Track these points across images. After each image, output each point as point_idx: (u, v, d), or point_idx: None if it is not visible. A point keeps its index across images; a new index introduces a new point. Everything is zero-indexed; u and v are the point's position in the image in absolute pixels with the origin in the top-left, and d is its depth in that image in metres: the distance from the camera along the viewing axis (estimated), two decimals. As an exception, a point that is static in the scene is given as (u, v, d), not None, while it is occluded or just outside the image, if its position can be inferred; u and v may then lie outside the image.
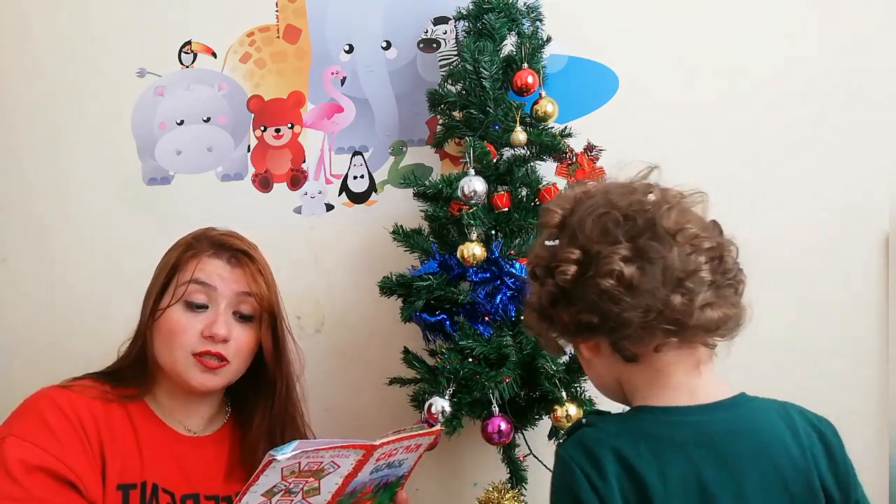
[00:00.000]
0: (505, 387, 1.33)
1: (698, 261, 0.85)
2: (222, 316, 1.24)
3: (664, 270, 0.84)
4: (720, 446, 0.85)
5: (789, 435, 0.88)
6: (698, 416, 0.87)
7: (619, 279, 0.83)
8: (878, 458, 1.52)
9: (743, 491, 0.84)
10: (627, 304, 0.83)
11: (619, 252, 0.84)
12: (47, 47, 1.77)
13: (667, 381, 0.88)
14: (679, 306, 0.83)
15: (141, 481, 1.19)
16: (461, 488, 1.60)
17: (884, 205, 1.53)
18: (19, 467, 1.09)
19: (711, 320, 0.85)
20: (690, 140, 1.58)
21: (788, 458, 0.86)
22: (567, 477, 0.86)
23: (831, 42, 1.56)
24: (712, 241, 0.87)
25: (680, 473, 0.84)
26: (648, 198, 0.88)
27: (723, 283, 0.87)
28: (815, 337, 1.55)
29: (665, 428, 0.86)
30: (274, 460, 0.96)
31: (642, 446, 0.85)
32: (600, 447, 0.85)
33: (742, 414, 0.88)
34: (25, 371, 1.73)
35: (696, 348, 0.88)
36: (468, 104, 1.45)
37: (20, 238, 1.77)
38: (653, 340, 0.86)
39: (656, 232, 0.85)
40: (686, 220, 0.86)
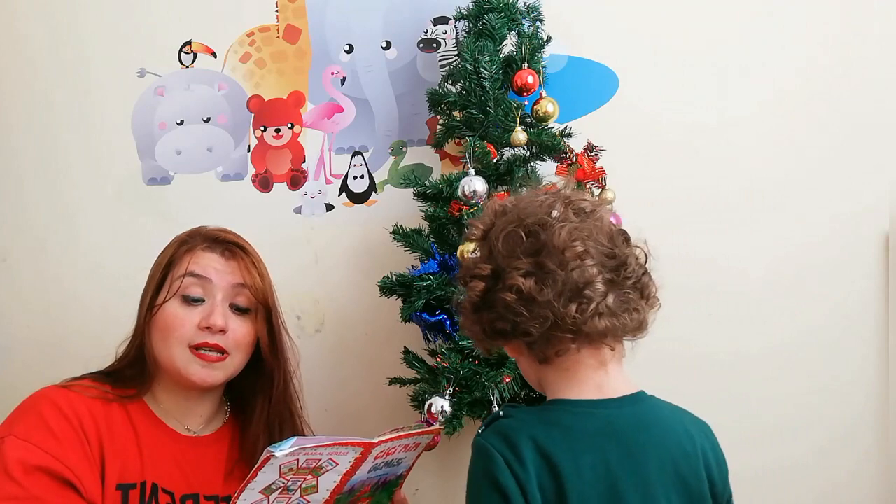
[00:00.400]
0: (505, 387, 1.33)
1: (590, 273, 0.91)
2: (219, 307, 1.24)
3: (561, 283, 0.91)
4: (626, 437, 0.93)
5: (682, 431, 0.96)
6: (606, 409, 0.94)
7: (518, 293, 0.92)
8: (880, 458, 1.53)
9: (645, 478, 0.92)
10: (526, 316, 0.92)
11: (520, 267, 0.92)
12: (47, 47, 1.77)
13: (575, 377, 0.96)
14: (574, 315, 0.91)
15: (140, 481, 1.19)
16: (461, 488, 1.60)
17: (884, 205, 1.53)
18: (19, 467, 1.09)
19: (605, 327, 0.92)
20: (690, 140, 1.58)
21: (682, 450, 0.95)
22: (486, 462, 0.92)
23: (831, 42, 1.56)
24: (610, 251, 0.93)
25: (590, 461, 0.91)
26: (551, 214, 0.95)
27: (624, 287, 0.94)
28: (816, 337, 1.55)
29: (576, 419, 0.93)
30: (272, 457, 0.96)
31: (556, 435, 0.92)
32: (518, 435, 0.92)
33: (643, 409, 0.96)
34: (25, 371, 1.73)
35: (601, 349, 0.95)
36: (468, 104, 1.45)
37: (20, 238, 1.77)
38: (555, 346, 0.93)
39: (550, 248, 0.92)
40: (574, 237, 0.92)
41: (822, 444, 1.53)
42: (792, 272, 1.55)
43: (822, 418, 1.53)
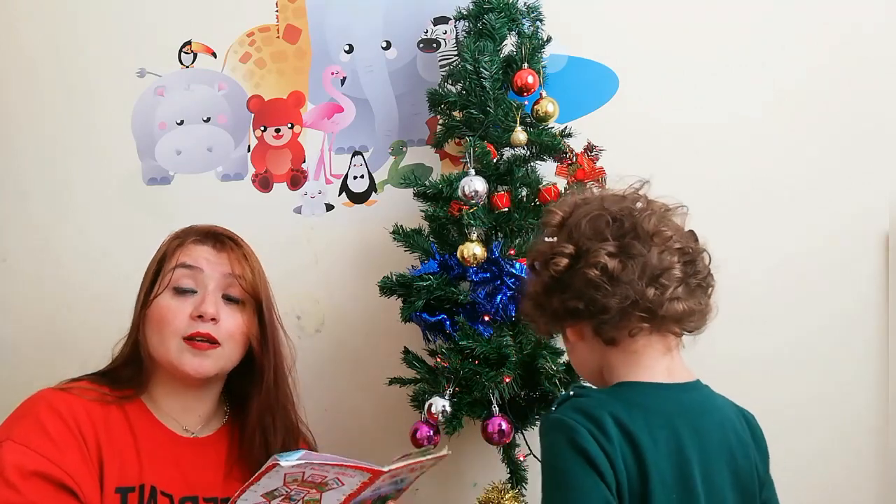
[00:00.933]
0: (505, 387, 1.33)
1: (671, 260, 0.98)
2: (210, 296, 1.24)
3: (642, 266, 0.97)
4: (693, 419, 0.98)
5: (735, 418, 1.03)
6: (677, 392, 1.00)
7: (602, 270, 0.97)
8: (880, 458, 1.52)
9: (707, 458, 0.97)
10: (608, 291, 0.97)
11: (606, 248, 0.98)
12: (47, 47, 1.77)
13: (642, 361, 1.00)
14: (652, 297, 0.96)
15: (139, 484, 1.19)
16: (461, 488, 1.60)
17: (884, 205, 1.53)
18: (16, 473, 1.09)
19: (678, 311, 0.98)
20: (690, 140, 1.58)
21: (736, 435, 1.01)
22: (570, 433, 0.93)
23: (832, 42, 1.56)
24: (686, 246, 1.00)
25: (665, 438, 0.95)
26: (636, 205, 1.02)
27: (693, 282, 1.00)
28: (816, 337, 1.55)
29: (652, 399, 0.98)
30: (277, 465, 0.97)
31: (636, 412, 0.95)
32: (599, 411, 0.95)
33: (704, 395, 1.03)
34: (25, 370, 1.73)
35: (667, 336, 1.00)
36: (468, 104, 1.44)
37: (20, 238, 1.77)
38: (628, 326, 0.98)
39: (638, 233, 0.99)
40: (663, 225, 1.00)
41: (822, 444, 1.53)
42: (792, 272, 1.55)
43: (822, 418, 1.53)
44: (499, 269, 1.38)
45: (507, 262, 1.38)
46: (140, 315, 1.26)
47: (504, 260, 1.38)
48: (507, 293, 1.38)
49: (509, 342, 1.35)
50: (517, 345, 1.36)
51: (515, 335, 1.37)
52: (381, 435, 1.63)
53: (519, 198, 1.44)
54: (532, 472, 1.45)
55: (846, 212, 1.55)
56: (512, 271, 1.38)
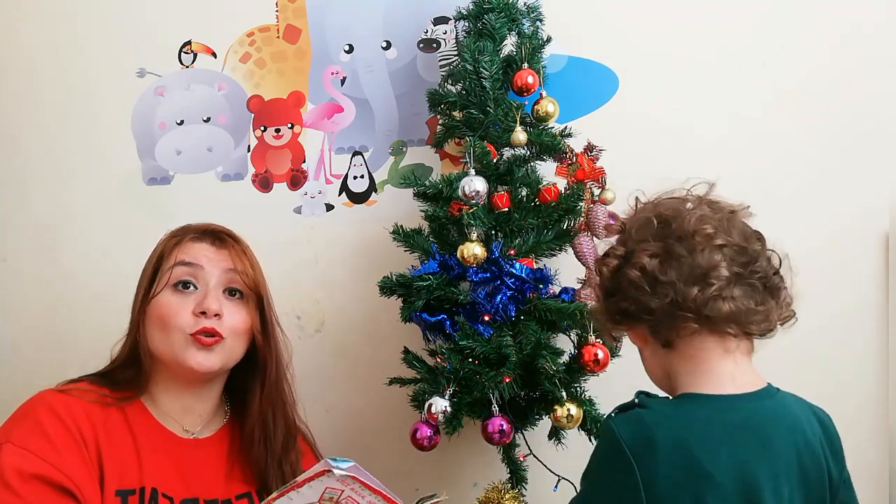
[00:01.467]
0: (505, 387, 1.33)
1: (714, 258, 0.96)
2: (212, 292, 1.24)
3: (686, 265, 0.96)
4: (762, 430, 0.95)
5: (806, 422, 1.00)
6: (744, 403, 0.97)
7: (642, 270, 0.98)
8: (879, 458, 1.53)
9: (775, 470, 0.94)
10: (647, 292, 0.97)
11: (648, 249, 0.99)
12: (47, 47, 1.77)
13: (702, 366, 0.98)
14: (694, 296, 0.95)
15: (140, 486, 1.18)
16: (461, 488, 1.60)
17: (884, 205, 1.53)
18: (16, 476, 1.09)
19: (724, 311, 0.95)
20: (690, 140, 1.58)
21: (805, 442, 0.98)
22: (615, 456, 0.93)
23: (832, 42, 1.56)
24: (736, 244, 0.98)
25: (728, 453, 0.92)
26: (686, 206, 1.02)
27: (752, 282, 0.98)
28: (816, 337, 1.54)
29: (716, 412, 0.95)
30: (329, 471, 0.98)
31: (696, 428, 0.93)
32: (656, 428, 0.93)
33: (775, 402, 1.00)
34: (25, 371, 1.73)
35: (725, 338, 0.98)
36: (468, 104, 1.44)
37: (20, 238, 1.77)
38: (676, 326, 0.97)
39: (679, 233, 0.98)
40: (705, 223, 0.98)
41: (822, 444, 1.53)
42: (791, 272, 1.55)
43: (822, 418, 1.53)
44: (499, 269, 1.38)
45: (507, 262, 1.38)
46: (139, 314, 1.25)
47: (504, 260, 1.38)
48: (507, 293, 1.38)
49: (509, 342, 1.35)
50: (517, 345, 1.35)
51: (515, 335, 1.37)
52: (382, 435, 1.64)
53: (519, 198, 1.44)
54: (532, 472, 1.45)
55: (846, 212, 1.55)
56: (512, 271, 1.38)
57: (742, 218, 1.03)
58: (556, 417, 1.33)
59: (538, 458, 1.44)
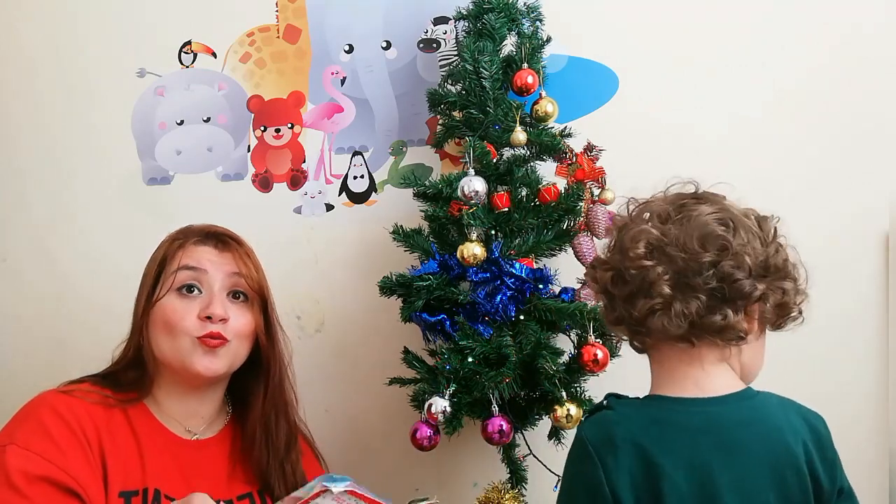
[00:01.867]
0: (505, 387, 1.33)
1: (653, 274, 0.95)
2: (217, 296, 1.24)
3: (628, 281, 0.98)
4: (726, 434, 0.94)
5: (786, 427, 0.97)
6: (707, 406, 0.96)
7: (604, 290, 1.02)
8: (879, 459, 1.53)
9: (742, 476, 0.93)
10: (608, 307, 1.02)
11: (607, 263, 1.02)
12: (47, 47, 1.77)
13: (669, 373, 0.99)
14: (637, 311, 0.97)
15: (143, 488, 1.18)
16: (461, 488, 1.60)
17: (884, 205, 1.53)
18: (22, 478, 1.08)
19: (661, 325, 0.95)
20: (690, 140, 1.58)
21: (783, 447, 0.95)
22: (582, 457, 0.96)
23: (832, 42, 1.56)
24: (686, 257, 0.95)
25: (687, 456, 0.93)
26: (644, 216, 1.01)
27: (699, 293, 0.95)
28: (815, 337, 1.54)
29: (676, 415, 0.96)
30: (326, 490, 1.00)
31: (654, 431, 0.94)
32: (616, 429, 0.95)
33: (747, 405, 0.98)
34: (26, 371, 1.73)
35: (696, 346, 0.97)
36: (468, 104, 1.45)
37: (20, 238, 1.77)
38: (637, 339, 1.01)
39: (620, 248, 1.00)
40: (639, 239, 0.97)
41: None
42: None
43: (821, 418, 1.53)
44: (499, 269, 1.38)
45: (507, 262, 1.38)
46: (142, 318, 1.25)
47: (504, 260, 1.38)
48: (506, 293, 1.38)
49: (509, 342, 1.35)
50: (517, 345, 1.36)
51: (515, 335, 1.37)
52: (382, 435, 1.64)
53: (519, 198, 1.44)
54: (532, 472, 1.45)
55: (846, 212, 1.55)
56: (512, 271, 1.38)
57: (711, 222, 0.98)
58: (555, 417, 1.33)
59: (538, 458, 1.44)
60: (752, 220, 1.02)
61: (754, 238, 0.99)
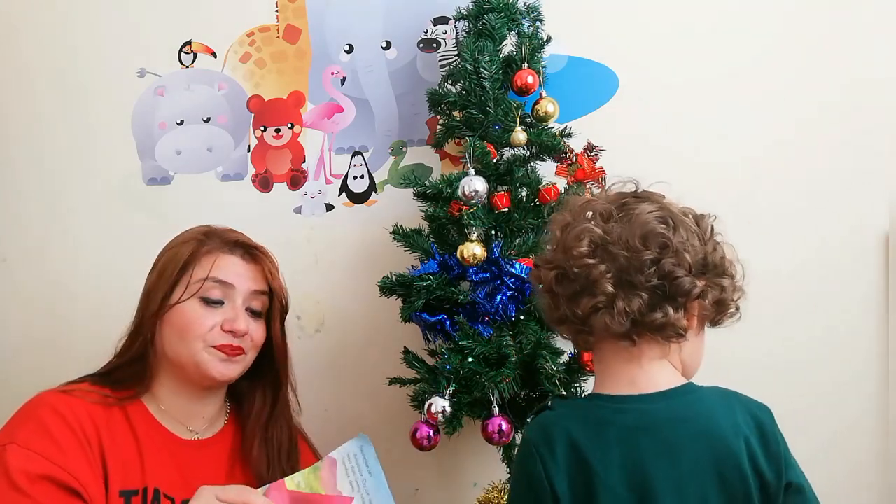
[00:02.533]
0: (505, 387, 1.33)
1: (594, 273, 0.96)
2: (242, 312, 1.26)
3: (571, 280, 0.98)
4: (661, 432, 0.95)
5: (727, 422, 0.96)
6: (640, 404, 0.97)
7: (548, 289, 1.01)
8: (879, 459, 1.52)
9: (679, 473, 0.93)
10: (550, 305, 1.02)
11: (550, 262, 1.02)
12: (47, 47, 1.77)
13: (607, 370, 1.01)
14: (578, 311, 0.97)
15: (142, 487, 1.19)
16: (461, 488, 1.60)
17: (884, 205, 1.53)
18: (23, 477, 1.09)
19: (601, 324, 0.96)
20: (690, 140, 1.58)
21: (722, 443, 0.95)
22: (525, 454, 0.99)
23: (832, 41, 1.56)
24: (627, 255, 0.95)
25: (621, 455, 0.93)
26: (586, 215, 1.01)
27: (640, 291, 0.95)
28: (815, 337, 1.55)
29: (609, 413, 0.97)
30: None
31: (589, 429, 0.96)
32: (554, 428, 0.97)
33: (684, 402, 0.98)
34: (25, 370, 1.73)
35: (636, 344, 0.98)
36: (468, 104, 1.44)
37: (20, 238, 1.77)
38: (579, 337, 1.02)
39: (563, 247, 1.00)
40: (582, 237, 0.97)
41: (821, 444, 1.52)
42: (792, 273, 1.55)
43: (821, 419, 1.53)
44: (499, 269, 1.38)
45: (507, 262, 1.38)
46: (156, 315, 1.25)
47: (504, 260, 1.38)
48: (507, 293, 1.38)
49: (509, 342, 1.35)
50: (517, 345, 1.36)
51: (515, 335, 1.37)
52: (382, 435, 1.63)
53: (519, 198, 1.44)
54: (532, 472, 1.45)
55: (846, 212, 1.55)
56: (512, 271, 1.38)
57: (652, 221, 0.97)
58: (556, 417, 1.33)
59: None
60: (690, 218, 1.01)
61: (693, 236, 0.99)
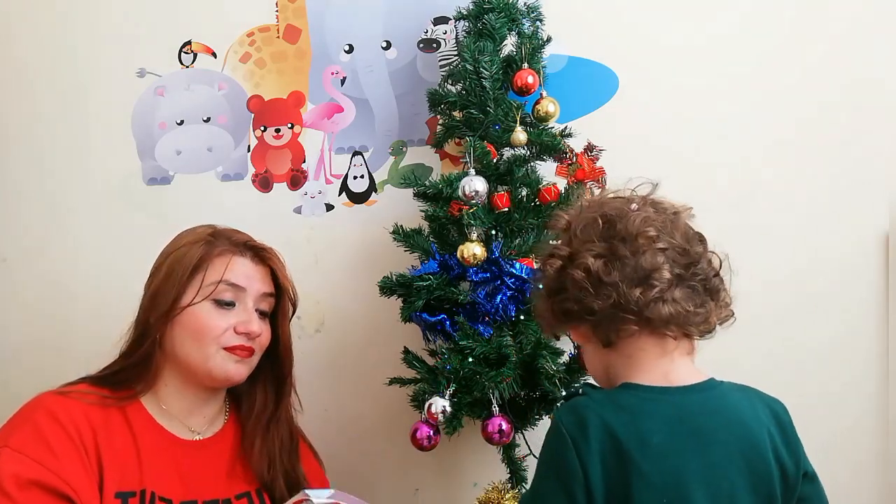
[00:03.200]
0: (505, 387, 1.33)
1: (657, 261, 0.97)
2: (253, 314, 1.28)
3: (630, 267, 0.97)
4: (694, 421, 0.96)
5: (751, 415, 1.00)
6: (675, 395, 0.98)
7: (586, 271, 0.98)
8: (879, 459, 1.52)
9: (711, 462, 0.95)
10: (591, 293, 0.98)
11: (593, 249, 0.99)
12: (47, 47, 1.77)
13: (637, 364, 1.00)
14: (636, 298, 0.96)
15: (140, 489, 1.18)
16: (461, 488, 1.60)
17: (884, 205, 1.53)
18: (12, 482, 1.08)
19: (664, 313, 0.97)
20: (690, 140, 1.58)
21: (749, 434, 0.97)
22: (556, 439, 0.97)
23: (832, 41, 1.56)
24: (679, 246, 0.99)
25: (657, 442, 0.94)
26: (631, 206, 1.01)
27: (693, 284, 0.99)
28: (815, 337, 1.55)
29: (645, 402, 0.97)
30: (307, 500, 1.01)
31: (624, 416, 0.95)
32: (589, 413, 0.96)
33: (712, 395, 1.00)
34: (25, 371, 1.73)
35: (664, 339, 0.99)
36: (468, 104, 1.44)
37: (20, 238, 1.77)
38: (617, 327, 0.99)
39: (623, 234, 0.99)
40: (648, 225, 0.98)
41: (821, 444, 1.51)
42: (792, 272, 1.55)
43: (821, 419, 1.52)
44: (499, 269, 1.38)
45: (507, 262, 1.38)
46: (166, 317, 1.25)
47: (504, 260, 1.38)
48: (507, 293, 1.38)
49: (509, 342, 1.35)
50: (517, 345, 1.36)
51: (515, 335, 1.37)
52: (382, 435, 1.64)
53: (519, 198, 1.44)
54: (532, 472, 1.44)
55: (846, 212, 1.55)
56: (512, 271, 1.38)
57: (685, 219, 1.03)
58: (556, 417, 1.33)
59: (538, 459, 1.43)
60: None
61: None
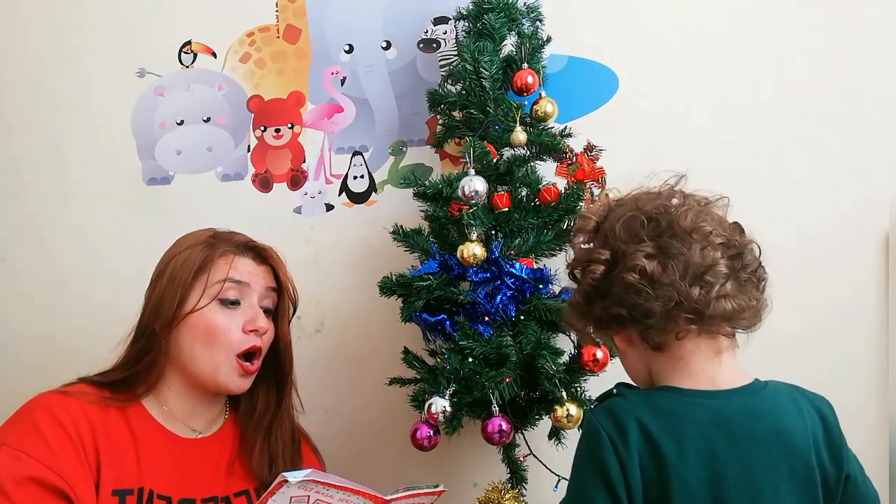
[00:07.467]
0: (505, 387, 1.33)
1: (714, 256, 0.94)
2: (259, 310, 1.29)
3: (684, 265, 0.94)
4: (734, 427, 0.94)
5: (795, 417, 0.97)
6: (716, 399, 0.95)
7: (641, 273, 0.94)
8: (879, 458, 1.52)
9: (750, 468, 0.92)
10: (650, 295, 0.94)
11: (643, 249, 0.95)
12: (47, 47, 1.77)
13: (688, 367, 0.97)
14: (697, 297, 0.93)
15: (138, 487, 1.19)
16: (461, 488, 1.60)
17: (884, 205, 1.53)
18: (9, 479, 1.09)
19: (727, 310, 0.94)
20: (690, 140, 1.58)
21: (792, 439, 0.95)
22: (594, 440, 0.95)
23: (832, 40, 1.56)
24: (729, 239, 0.96)
25: (695, 449, 0.92)
26: (672, 202, 0.98)
27: (742, 277, 0.96)
28: (815, 336, 1.55)
29: (685, 407, 0.95)
30: (285, 482, 0.99)
31: (663, 420, 0.93)
32: (626, 416, 0.94)
33: (756, 399, 0.97)
34: (25, 371, 1.73)
35: (716, 337, 0.97)
36: (468, 104, 1.44)
37: (20, 238, 1.77)
38: (675, 329, 0.95)
39: (675, 231, 0.95)
40: (701, 220, 0.96)
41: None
42: (792, 271, 1.55)
43: (822, 418, 1.53)
44: (499, 269, 1.38)
45: (507, 262, 1.38)
46: (171, 323, 1.24)
47: (504, 260, 1.38)
48: (506, 293, 1.38)
49: (509, 342, 1.35)
50: (517, 345, 1.36)
51: (515, 335, 1.37)
52: (382, 435, 1.64)
53: (519, 198, 1.44)
54: (532, 472, 1.45)
55: (846, 211, 1.55)
56: (512, 271, 1.38)
57: (721, 207, 1.00)
58: (556, 417, 1.33)
59: (538, 458, 1.44)
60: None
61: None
